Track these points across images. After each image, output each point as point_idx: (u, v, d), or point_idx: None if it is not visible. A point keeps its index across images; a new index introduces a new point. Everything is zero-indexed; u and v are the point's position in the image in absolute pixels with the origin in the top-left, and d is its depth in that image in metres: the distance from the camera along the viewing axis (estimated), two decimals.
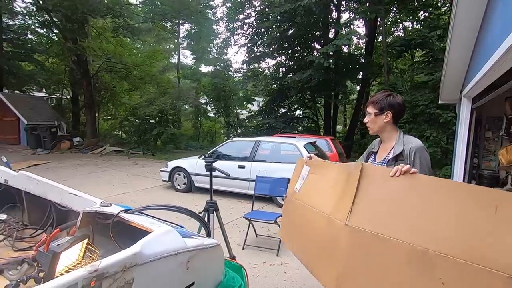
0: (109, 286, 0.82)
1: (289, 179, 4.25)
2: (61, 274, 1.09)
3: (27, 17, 15.43)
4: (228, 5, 14.60)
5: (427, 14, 13.10)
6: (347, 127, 17.75)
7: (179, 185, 6.30)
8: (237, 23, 14.78)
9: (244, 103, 20.22)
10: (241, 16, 14.42)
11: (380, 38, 14.08)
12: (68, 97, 19.47)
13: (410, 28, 15.43)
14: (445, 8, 12.46)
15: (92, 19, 13.89)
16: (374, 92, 14.78)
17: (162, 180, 6.60)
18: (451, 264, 0.86)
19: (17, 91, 16.79)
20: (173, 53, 21.89)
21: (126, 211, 1.31)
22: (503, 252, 0.80)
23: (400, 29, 16.80)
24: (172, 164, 6.45)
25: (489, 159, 5.19)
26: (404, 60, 15.26)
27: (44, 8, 12.78)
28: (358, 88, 15.93)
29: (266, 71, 16.84)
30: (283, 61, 15.39)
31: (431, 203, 0.97)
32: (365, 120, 1.62)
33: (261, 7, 13.43)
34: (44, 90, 19.82)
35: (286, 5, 10.26)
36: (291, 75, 13.21)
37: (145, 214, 1.41)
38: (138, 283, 0.90)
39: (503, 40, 2.11)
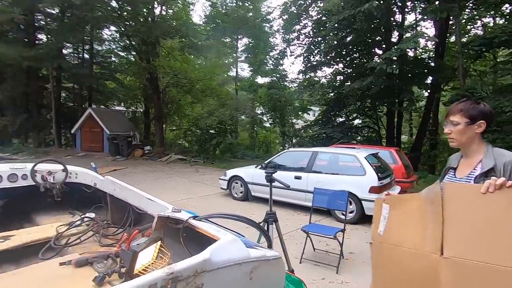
0: None
1: (349, 193, 4.06)
2: (139, 272, 1.20)
3: (112, 42, 18.07)
4: (284, 17, 14.85)
5: None
6: (414, 136, 16.20)
7: (236, 193, 6.49)
8: (293, 34, 14.90)
9: (300, 112, 20.10)
10: (297, 27, 14.50)
11: (453, 38, 12.67)
12: (141, 110, 21.97)
13: (491, 24, 13.52)
14: None
15: (163, 40, 15.54)
16: (447, 98, 13.27)
17: (221, 188, 6.89)
18: None
19: (102, 106, 19.60)
20: (231, 66, 23.06)
21: (194, 217, 1.39)
22: None
23: (478, 27, 14.86)
24: (230, 172, 6.70)
25: None
26: (484, 61, 13.41)
27: (126, 34, 14.78)
28: (426, 94, 14.48)
29: (323, 79, 16.50)
30: (340, 69, 14.92)
31: None
32: (447, 130, 1.42)
33: (318, 16, 13.33)
34: (122, 104, 22.74)
35: (345, 12, 9.98)
36: (349, 83, 12.70)
37: (210, 221, 1.48)
38: None
39: None
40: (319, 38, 13.19)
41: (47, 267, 1.40)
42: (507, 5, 11.72)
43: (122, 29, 14.79)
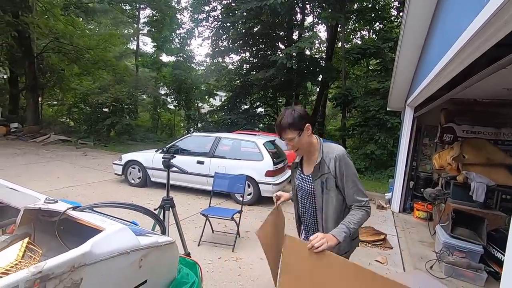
0: (54, 287, 0.79)
1: (248, 176, 4.34)
2: None
3: None
4: None
5: (382, 26, 14.10)
6: None
7: (133, 179, 6.02)
8: (202, 14, 14.44)
9: (206, 97, 19.87)
10: (207, 8, 14.11)
11: (339, 44, 14.83)
12: (5, 76, 17.26)
13: (366, 37, 16.48)
14: (398, 21, 13.54)
15: None
16: (332, 94, 15.58)
17: (115, 174, 6.24)
18: None
19: None
20: (132, 38, 20.64)
21: (75, 208, 1.24)
22: None
23: (358, 37, 17.85)
24: (127, 157, 6.14)
25: (425, 162, 5.82)
26: (360, 67, 16.27)
27: None
28: (317, 89, 16.61)
29: (230, 66, 16.73)
30: (247, 57, 15.43)
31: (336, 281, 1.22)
32: (289, 148, 1.49)
33: (228, 1, 13.29)
34: None
35: (253, 3, 10.30)
36: (254, 73, 13.32)
37: (96, 211, 1.35)
38: (86, 283, 0.87)
39: (440, 59, 2.40)
40: (228, 24, 13.23)
41: None
42: (377, 24, 14.49)
43: None
